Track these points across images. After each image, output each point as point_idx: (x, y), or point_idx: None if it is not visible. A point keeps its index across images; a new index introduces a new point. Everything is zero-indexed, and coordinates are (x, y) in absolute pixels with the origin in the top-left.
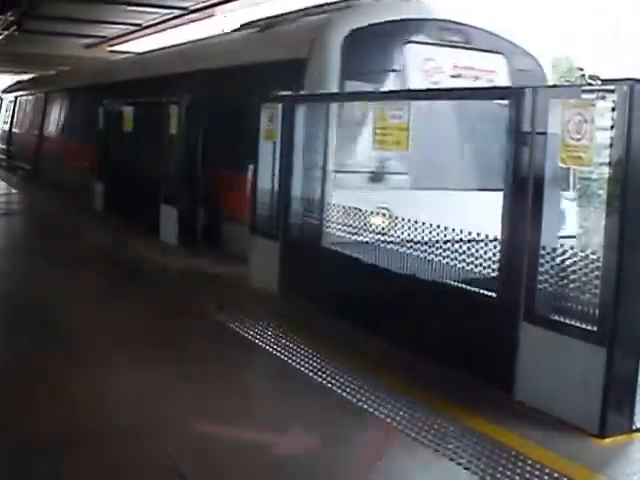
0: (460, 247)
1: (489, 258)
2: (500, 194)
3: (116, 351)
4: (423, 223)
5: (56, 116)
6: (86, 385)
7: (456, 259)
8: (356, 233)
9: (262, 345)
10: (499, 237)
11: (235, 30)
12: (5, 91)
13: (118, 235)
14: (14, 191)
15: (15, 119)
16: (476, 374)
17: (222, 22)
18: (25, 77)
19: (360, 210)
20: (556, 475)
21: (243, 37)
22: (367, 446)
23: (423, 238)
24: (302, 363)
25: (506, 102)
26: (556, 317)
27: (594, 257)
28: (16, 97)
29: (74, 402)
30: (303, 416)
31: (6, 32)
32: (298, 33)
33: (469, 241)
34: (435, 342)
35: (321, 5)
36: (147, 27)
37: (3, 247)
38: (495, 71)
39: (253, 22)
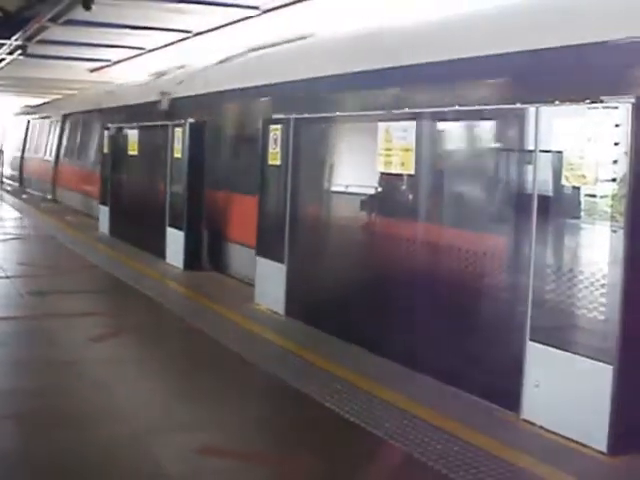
0: None
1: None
2: None
3: None
4: None
5: None
6: None
7: None
8: None
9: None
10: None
11: None
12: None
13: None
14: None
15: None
16: (482, 392)
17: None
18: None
19: None
20: None
21: None
22: (373, 465)
23: None
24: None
25: None
26: (562, 335)
27: (599, 275)
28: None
29: None
30: None
31: (11, 57)
32: None
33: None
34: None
35: None
36: (151, 50)
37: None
38: None
39: None
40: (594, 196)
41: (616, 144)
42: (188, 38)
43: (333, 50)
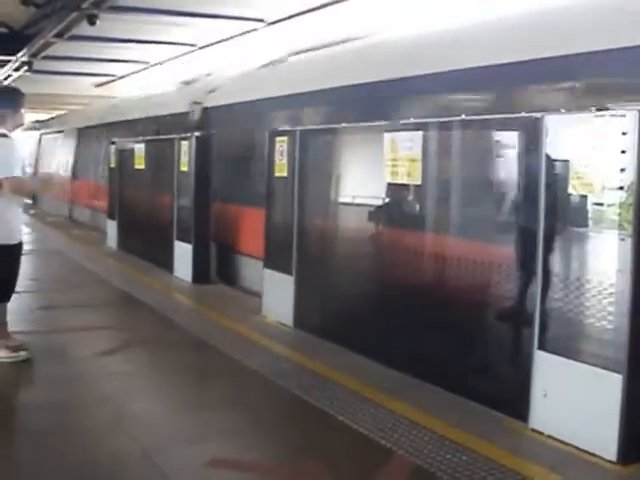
0: None
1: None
2: None
3: None
4: None
5: None
6: None
7: None
8: None
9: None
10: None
11: None
12: None
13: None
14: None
15: None
16: (491, 402)
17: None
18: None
19: None
20: None
21: None
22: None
23: None
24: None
25: None
26: (571, 344)
27: (607, 283)
28: None
29: None
30: None
31: (17, 73)
32: None
33: None
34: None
35: None
36: (156, 64)
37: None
38: None
39: None
40: (601, 204)
41: (623, 152)
42: (193, 51)
43: None
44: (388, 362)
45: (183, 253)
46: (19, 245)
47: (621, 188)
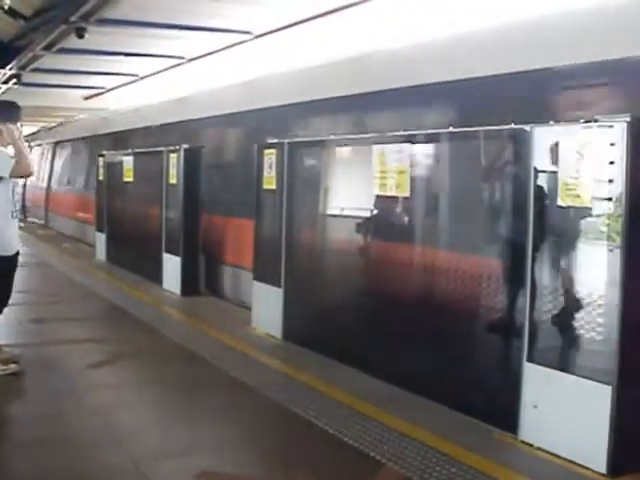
0: None
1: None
2: None
3: None
4: None
5: None
6: None
7: None
8: None
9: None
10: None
11: None
12: None
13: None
14: None
15: None
16: (481, 414)
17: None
18: None
19: None
20: None
21: None
22: None
23: None
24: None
25: None
26: (560, 356)
27: (596, 295)
28: None
29: None
30: None
31: (6, 86)
32: None
33: None
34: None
35: None
36: (145, 77)
37: None
38: None
39: None
40: (590, 216)
41: (611, 163)
42: (182, 64)
43: None
44: (377, 374)
45: (171, 266)
46: (15, 256)
47: (610, 199)
